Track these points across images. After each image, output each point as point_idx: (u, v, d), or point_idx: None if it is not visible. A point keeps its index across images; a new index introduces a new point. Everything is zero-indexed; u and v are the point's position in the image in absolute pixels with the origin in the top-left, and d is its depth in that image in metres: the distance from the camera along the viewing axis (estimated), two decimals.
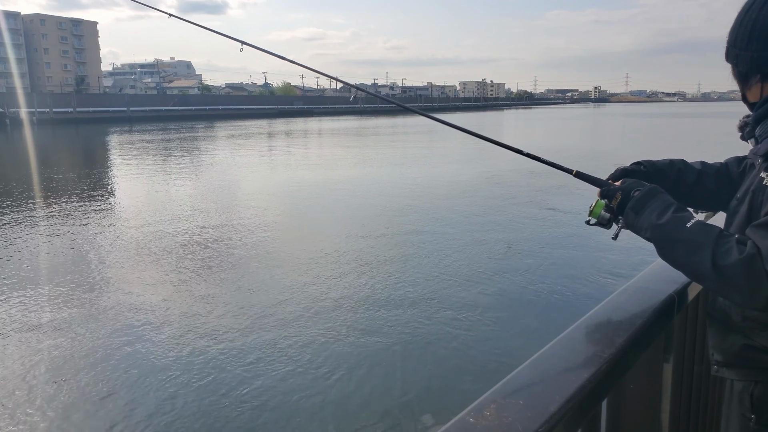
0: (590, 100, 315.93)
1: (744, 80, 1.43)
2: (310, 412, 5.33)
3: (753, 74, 1.40)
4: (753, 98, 1.42)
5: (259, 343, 6.75)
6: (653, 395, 1.52)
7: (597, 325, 1.29)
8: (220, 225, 13.27)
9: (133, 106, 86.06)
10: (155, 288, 8.87)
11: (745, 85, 1.43)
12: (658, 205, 1.38)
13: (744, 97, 1.45)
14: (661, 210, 1.36)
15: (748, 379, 1.42)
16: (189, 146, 40.25)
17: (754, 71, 1.39)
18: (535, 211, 14.32)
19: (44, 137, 52.39)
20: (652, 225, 1.36)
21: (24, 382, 5.96)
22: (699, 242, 1.25)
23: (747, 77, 1.42)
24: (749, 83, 1.42)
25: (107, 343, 6.85)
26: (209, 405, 5.44)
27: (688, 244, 1.27)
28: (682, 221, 1.31)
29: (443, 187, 18.49)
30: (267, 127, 67.65)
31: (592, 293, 8.37)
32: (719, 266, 1.20)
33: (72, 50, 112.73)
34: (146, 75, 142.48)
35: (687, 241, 1.27)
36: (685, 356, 1.64)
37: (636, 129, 60.40)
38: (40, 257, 10.80)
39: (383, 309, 7.81)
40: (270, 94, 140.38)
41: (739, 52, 1.41)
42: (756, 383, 1.39)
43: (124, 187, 20.73)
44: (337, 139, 49.38)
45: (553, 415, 0.91)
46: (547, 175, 18.91)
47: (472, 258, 10.22)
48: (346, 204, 16.08)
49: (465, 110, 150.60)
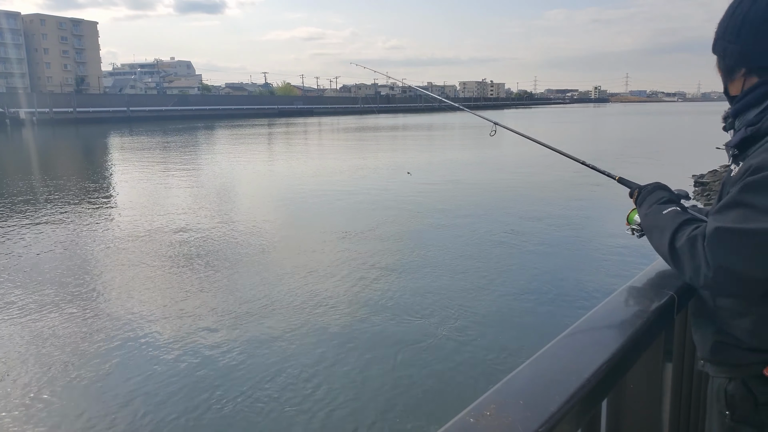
0: (590, 100, 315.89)
1: (729, 73, 1.44)
2: (310, 412, 5.32)
3: (738, 67, 1.41)
4: (734, 91, 1.44)
5: (257, 344, 6.75)
6: (653, 395, 1.52)
7: (597, 325, 1.29)
8: (219, 225, 13.27)
9: (133, 106, 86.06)
10: (154, 288, 8.87)
11: (728, 78, 1.45)
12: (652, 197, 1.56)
13: (726, 89, 1.47)
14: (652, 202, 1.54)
15: (723, 375, 1.43)
16: (189, 147, 40.25)
17: (740, 64, 1.40)
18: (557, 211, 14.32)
19: (44, 137, 52.40)
20: (642, 215, 1.55)
21: (16, 378, 5.95)
22: (665, 227, 1.40)
23: (732, 70, 1.43)
24: (733, 76, 1.43)
25: (104, 343, 6.85)
26: (205, 405, 5.43)
27: (659, 229, 1.43)
28: (660, 210, 1.47)
29: (442, 187, 18.50)
30: (267, 127, 67.63)
31: (592, 293, 8.37)
32: (674, 247, 1.34)
33: (72, 50, 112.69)
34: (146, 75, 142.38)
35: (659, 227, 1.43)
36: (685, 356, 1.64)
37: (664, 127, 60.39)
38: (36, 257, 10.78)
39: (384, 308, 7.80)
40: (270, 94, 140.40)
41: (727, 45, 1.42)
42: (730, 380, 1.40)
43: (123, 188, 20.71)
44: (337, 138, 49.38)
45: (553, 415, 0.91)
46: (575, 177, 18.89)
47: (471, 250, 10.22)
48: (346, 203, 16.07)
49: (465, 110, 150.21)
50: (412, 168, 23.37)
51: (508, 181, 20.15)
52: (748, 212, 1.20)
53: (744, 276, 1.22)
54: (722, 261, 1.22)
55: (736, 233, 1.20)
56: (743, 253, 1.20)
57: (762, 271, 1.20)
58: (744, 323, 1.35)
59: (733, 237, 1.21)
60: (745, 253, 1.20)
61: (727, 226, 1.22)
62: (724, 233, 1.22)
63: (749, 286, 1.24)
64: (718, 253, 1.23)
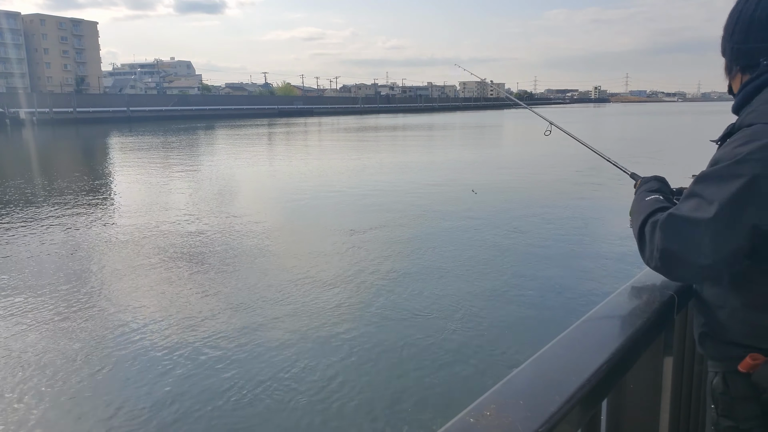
0: (590, 100, 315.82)
1: (727, 71, 1.49)
2: (309, 412, 5.32)
3: (734, 66, 1.45)
4: (736, 90, 1.47)
5: (256, 344, 6.75)
6: (653, 395, 1.52)
7: (597, 325, 1.29)
8: (219, 226, 13.27)
9: (133, 107, 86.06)
10: (152, 289, 8.87)
11: (729, 77, 1.49)
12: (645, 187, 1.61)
13: (729, 88, 1.51)
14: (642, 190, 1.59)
15: (711, 369, 1.46)
16: (189, 147, 40.26)
17: (735, 63, 1.45)
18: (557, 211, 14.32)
19: (44, 137, 52.42)
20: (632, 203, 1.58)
21: (16, 378, 5.96)
22: (641, 212, 1.44)
23: (729, 68, 1.48)
24: (732, 74, 1.47)
25: (103, 344, 6.85)
26: (204, 405, 5.44)
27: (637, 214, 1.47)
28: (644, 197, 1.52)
29: (442, 187, 18.50)
30: (267, 127, 67.65)
31: (592, 293, 8.37)
32: (642, 231, 1.39)
33: (72, 50, 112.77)
34: (146, 75, 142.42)
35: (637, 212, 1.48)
36: (685, 356, 1.64)
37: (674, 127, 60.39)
38: (34, 257, 10.79)
39: (383, 309, 7.81)
40: (270, 94, 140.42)
41: (725, 44, 1.47)
42: (716, 374, 1.42)
43: (123, 187, 20.72)
44: (339, 137, 49.38)
45: (553, 415, 0.91)
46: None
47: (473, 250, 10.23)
48: (345, 203, 16.06)
49: (465, 110, 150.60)
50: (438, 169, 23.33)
51: (510, 181, 20.15)
52: (698, 202, 1.25)
53: (686, 261, 1.27)
54: (668, 245, 1.28)
55: (685, 221, 1.26)
56: (688, 239, 1.26)
57: (704, 257, 1.24)
58: (722, 316, 1.38)
59: (682, 224, 1.27)
60: (690, 239, 1.25)
61: (678, 214, 1.28)
62: (674, 220, 1.29)
63: (692, 272, 1.30)
64: (666, 238, 1.29)
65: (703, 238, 1.22)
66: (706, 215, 1.22)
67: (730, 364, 1.35)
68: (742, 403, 1.33)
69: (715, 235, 1.21)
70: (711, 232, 1.21)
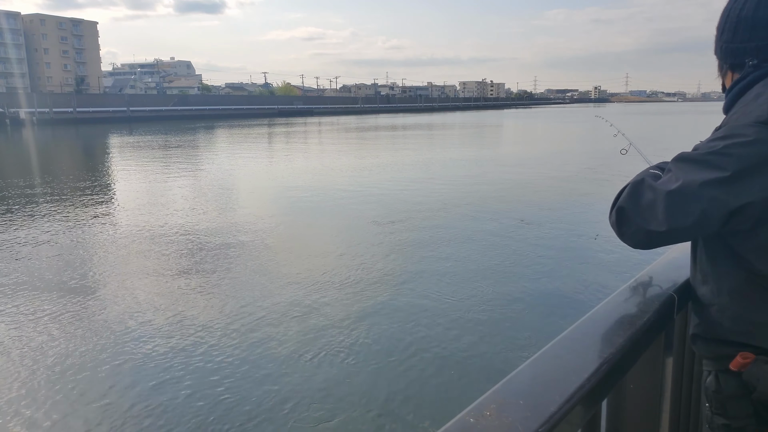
0: (590, 100, 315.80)
1: (719, 70, 1.51)
2: (309, 412, 5.32)
3: (724, 64, 1.47)
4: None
5: (255, 344, 6.75)
6: (653, 395, 1.52)
7: (597, 325, 1.29)
8: (218, 226, 13.27)
9: (133, 107, 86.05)
10: (152, 289, 8.87)
11: (721, 75, 1.51)
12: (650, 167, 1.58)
13: (723, 87, 1.52)
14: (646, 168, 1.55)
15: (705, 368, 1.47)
16: (189, 147, 40.25)
17: (724, 61, 1.47)
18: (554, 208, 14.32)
19: (44, 137, 52.41)
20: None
21: (17, 379, 5.96)
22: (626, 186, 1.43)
23: (721, 67, 1.50)
24: (723, 73, 1.49)
25: (102, 343, 6.85)
26: (203, 405, 5.44)
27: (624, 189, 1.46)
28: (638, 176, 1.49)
29: (441, 187, 18.50)
30: (267, 127, 67.65)
31: (592, 293, 8.37)
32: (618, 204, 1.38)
33: (72, 50, 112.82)
34: (146, 75, 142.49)
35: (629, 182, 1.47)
36: (685, 356, 1.64)
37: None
38: (33, 257, 10.79)
39: (389, 308, 7.81)
40: (270, 94, 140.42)
41: (716, 43, 1.49)
42: (709, 372, 1.43)
43: (123, 188, 20.73)
44: (336, 137, 49.39)
45: (553, 415, 0.91)
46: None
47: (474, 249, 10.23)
48: (345, 203, 16.07)
49: (465, 110, 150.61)
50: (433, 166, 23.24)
51: (509, 181, 20.16)
52: (668, 176, 1.31)
53: (634, 222, 1.32)
54: (625, 204, 1.34)
55: (648, 187, 1.31)
56: (643, 204, 1.30)
57: (656, 224, 1.28)
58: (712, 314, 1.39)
59: (644, 189, 1.32)
60: (646, 205, 1.30)
61: (648, 182, 1.33)
62: (640, 185, 1.34)
63: (639, 235, 1.33)
64: (627, 197, 1.35)
65: (658, 206, 1.27)
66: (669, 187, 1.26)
67: (722, 363, 1.36)
68: (734, 402, 1.34)
69: (670, 205, 1.25)
70: (666, 202, 1.26)
